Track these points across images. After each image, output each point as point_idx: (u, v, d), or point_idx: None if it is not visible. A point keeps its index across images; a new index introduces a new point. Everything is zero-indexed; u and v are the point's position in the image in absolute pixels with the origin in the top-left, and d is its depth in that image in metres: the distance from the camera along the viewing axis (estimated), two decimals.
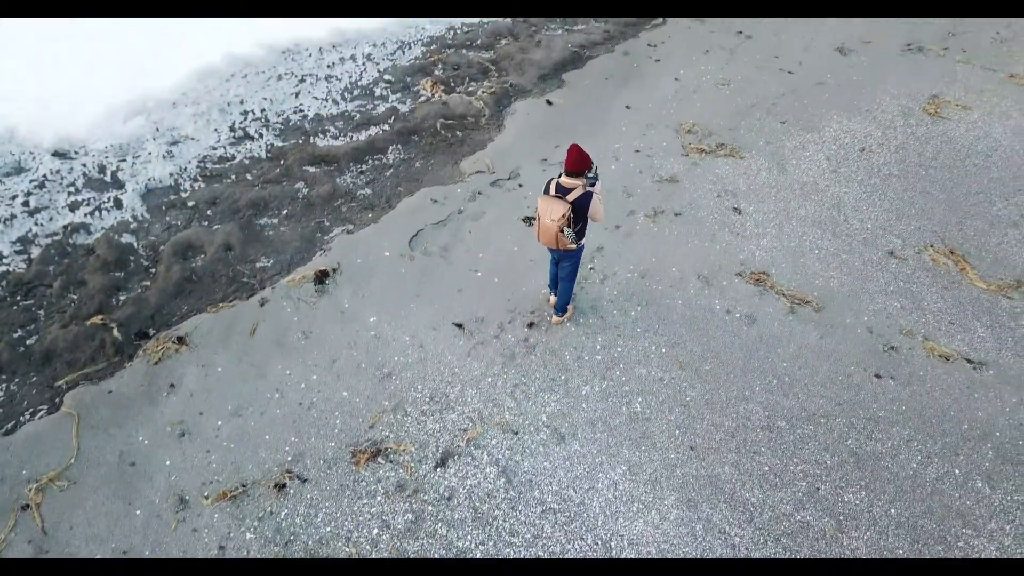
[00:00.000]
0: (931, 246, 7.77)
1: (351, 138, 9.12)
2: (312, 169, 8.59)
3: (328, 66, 10.49)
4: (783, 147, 9.29)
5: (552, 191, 5.76)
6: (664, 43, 11.59)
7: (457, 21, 11.80)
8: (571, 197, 5.63)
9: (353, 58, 10.71)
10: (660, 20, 12.37)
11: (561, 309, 6.64)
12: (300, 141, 9.01)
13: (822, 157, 9.14)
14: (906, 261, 7.57)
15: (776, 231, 7.91)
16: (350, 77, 10.29)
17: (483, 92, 9.99)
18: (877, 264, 7.52)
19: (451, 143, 9.16)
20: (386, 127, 9.30)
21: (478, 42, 11.25)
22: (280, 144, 8.95)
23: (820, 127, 9.71)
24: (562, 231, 5.64)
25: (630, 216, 8.05)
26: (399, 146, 9.05)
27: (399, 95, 9.98)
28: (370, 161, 8.78)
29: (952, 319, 6.93)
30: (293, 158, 8.67)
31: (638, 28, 11.99)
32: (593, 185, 5.74)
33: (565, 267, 6.22)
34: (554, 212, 5.59)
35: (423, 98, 9.91)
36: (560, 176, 5.78)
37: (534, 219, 7.76)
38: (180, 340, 6.52)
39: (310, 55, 10.69)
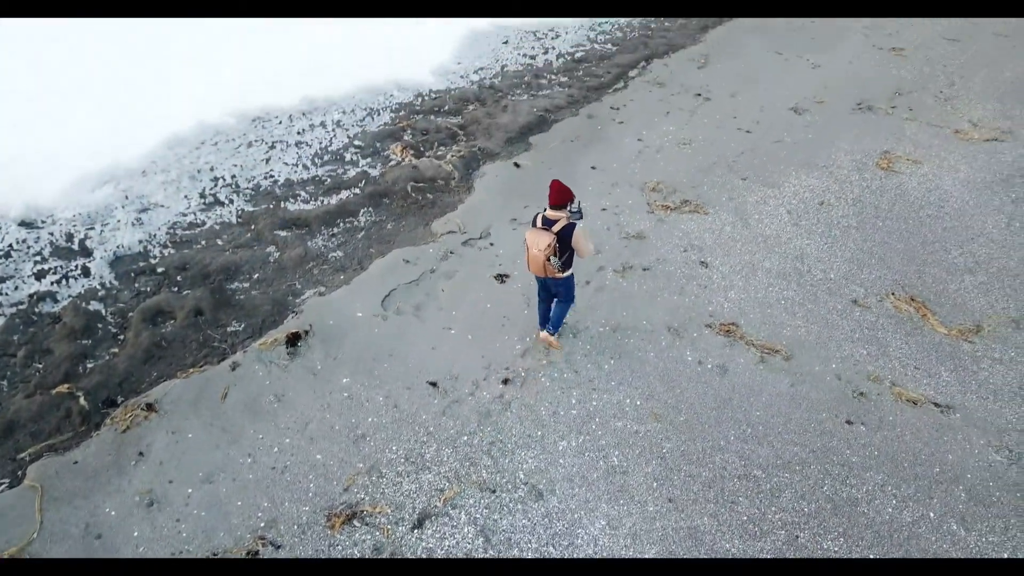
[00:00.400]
0: (892, 294, 7.99)
1: (322, 202, 9.21)
2: (283, 233, 8.63)
3: (298, 133, 10.65)
4: (745, 202, 9.58)
5: (539, 224, 6.19)
6: (626, 106, 11.99)
7: (425, 88, 12.12)
8: (556, 228, 6.08)
9: (323, 125, 10.90)
10: (622, 84, 12.83)
11: (554, 327, 6.91)
12: (271, 206, 9.07)
13: (783, 211, 9.43)
14: (869, 309, 7.76)
15: (743, 283, 8.08)
16: (320, 143, 10.46)
17: (452, 156, 10.20)
18: (842, 312, 7.70)
19: (422, 205, 9.29)
20: (357, 191, 9.42)
21: (446, 108, 11.54)
22: (251, 209, 9.00)
23: (780, 183, 10.05)
24: (548, 260, 6.11)
25: (600, 272, 8.17)
26: (370, 209, 9.16)
27: (369, 160, 10.14)
28: (341, 224, 8.85)
29: (917, 364, 7.09)
30: (264, 222, 8.71)
31: (600, 92, 12.41)
32: (579, 219, 6.15)
33: (560, 292, 6.64)
34: (540, 243, 6.06)
35: (393, 162, 10.08)
36: (545, 210, 6.18)
37: (505, 276, 7.87)
38: (149, 407, 6.40)
39: (280, 123, 10.86)
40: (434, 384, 6.70)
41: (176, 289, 7.77)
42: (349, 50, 12.76)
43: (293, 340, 7.08)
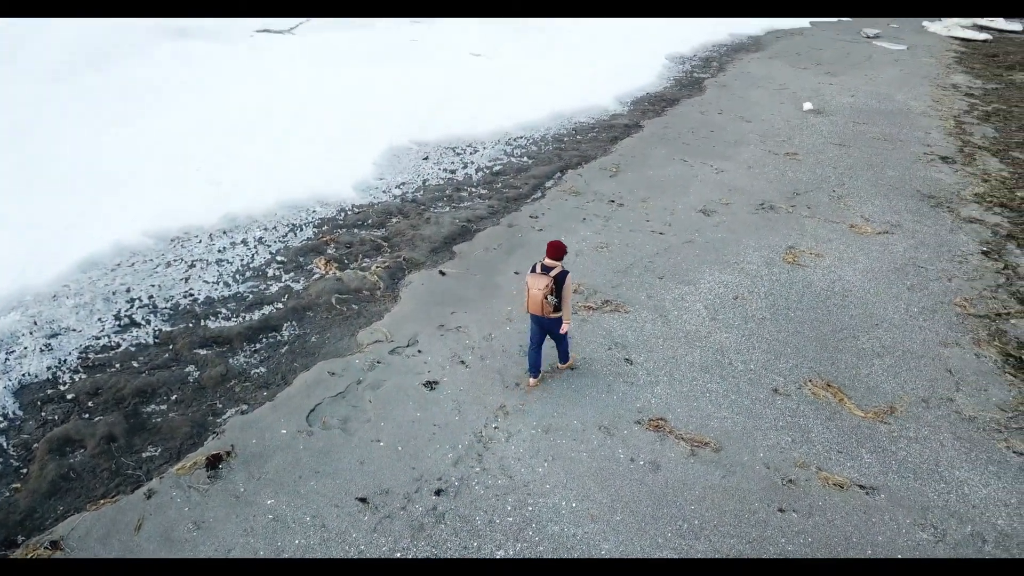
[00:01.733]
0: (810, 381, 8.30)
1: (244, 318, 9.04)
2: (203, 351, 8.39)
3: (219, 251, 10.56)
4: (664, 300, 9.92)
5: (538, 270, 7.43)
6: (544, 214, 12.44)
7: (348, 203, 12.30)
8: (553, 273, 7.32)
9: (244, 242, 10.85)
10: (539, 194, 13.35)
11: (564, 359, 8.22)
12: (190, 324, 8.84)
13: (700, 307, 9.80)
14: (790, 396, 8.02)
15: (668, 378, 8.25)
16: (242, 260, 10.38)
17: (377, 267, 10.28)
18: (764, 401, 7.92)
19: (347, 316, 9.24)
20: (280, 305, 9.31)
21: (369, 221, 11.71)
22: (169, 329, 8.74)
23: (695, 280, 10.48)
24: (546, 298, 7.27)
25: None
26: (294, 322, 9.04)
27: (292, 274, 10.09)
28: (264, 339, 8.68)
29: (839, 448, 7.29)
30: (183, 342, 8.46)
31: (519, 203, 12.88)
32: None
33: (554, 329, 7.69)
34: (540, 284, 7.28)
35: (317, 276, 10.06)
36: (543, 260, 7.45)
37: (434, 383, 7.83)
38: (54, 544, 5.90)
39: (200, 241, 10.76)
40: (364, 500, 6.46)
41: (87, 416, 7.36)
42: (270, 168, 12.92)
43: (214, 462, 6.75)
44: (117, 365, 8.10)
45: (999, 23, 40.36)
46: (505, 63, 21.99)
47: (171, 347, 8.41)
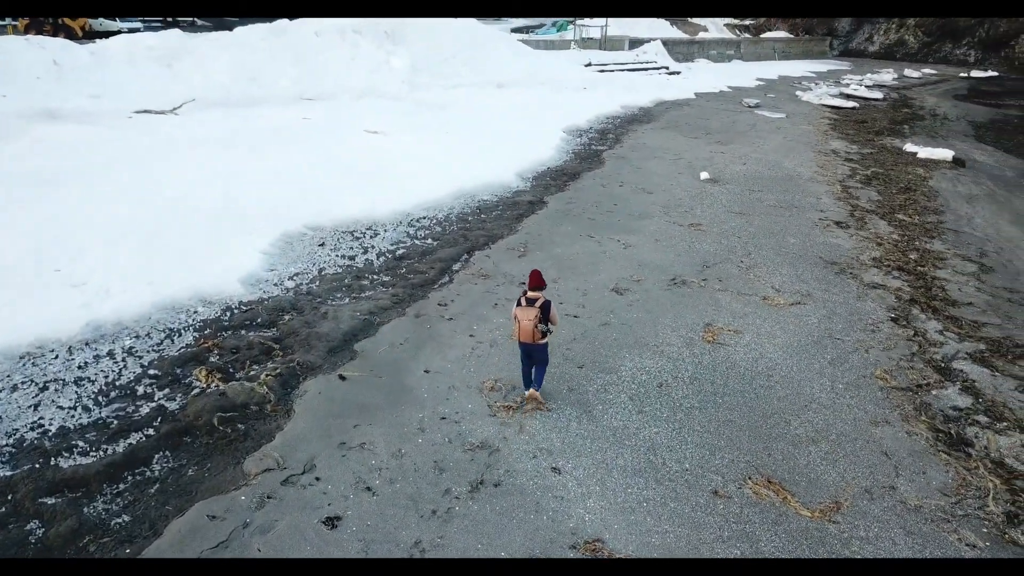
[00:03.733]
0: (749, 478, 7.70)
1: (105, 451, 7.65)
2: (51, 500, 6.95)
3: (79, 367, 9.11)
4: (587, 393, 9.21)
5: (523, 303, 8.27)
6: (454, 301, 11.63)
7: (234, 300, 11.08)
8: (538, 304, 8.22)
9: (111, 354, 9.45)
10: (447, 279, 12.57)
11: (539, 385, 8.85)
12: (37, 465, 7.37)
13: (625, 398, 9.14)
14: (731, 499, 7.37)
15: (600, 488, 7.45)
16: (106, 377, 8.97)
17: (267, 375, 9.11)
18: (706, 508, 7.23)
19: (231, 439, 8.00)
20: (150, 431, 7.98)
21: (259, 320, 10.51)
22: (8, 474, 7.25)
23: (616, 367, 9.86)
24: (536, 327, 8.14)
25: (445, 496, 7.23)
26: (167, 453, 7.72)
27: (167, 391, 8.78)
28: (129, 478, 7.32)
29: (793, 558, 6.64)
30: (25, 490, 6.99)
31: (426, 289, 12.02)
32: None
33: (540, 358, 8.62)
34: (529, 315, 8.15)
35: (196, 390, 8.79)
36: (526, 293, 8.33)
37: (336, 519, 6.74)
38: None
39: (56, 357, 9.28)
40: None
41: None
42: (145, 264, 11.56)
43: None
44: None
45: (862, 92, 43.64)
46: (403, 140, 21.43)
47: (10, 498, 6.93)
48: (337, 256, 13.15)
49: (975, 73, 62.30)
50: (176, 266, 11.67)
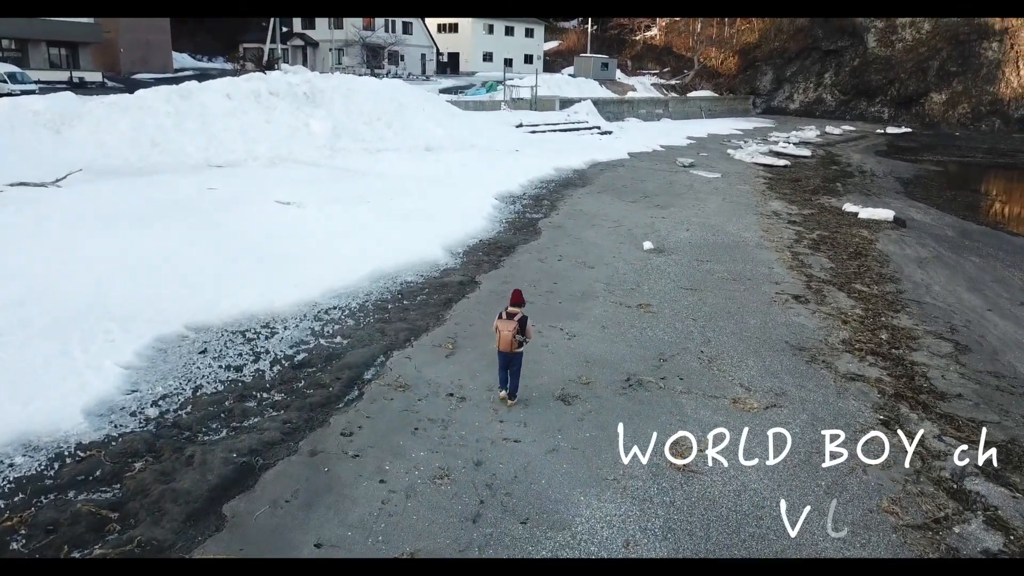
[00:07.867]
0: None
1: None
2: None
3: None
4: (538, 556, 7.00)
5: (504, 316, 9.45)
6: (361, 427, 9.30)
7: (71, 441, 8.44)
8: (517, 318, 9.39)
9: None
10: (355, 393, 10.22)
11: (514, 393, 9.90)
12: None
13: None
14: None
15: None
16: None
17: None
18: None
19: None
20: None
21: (98, 473, 7.90)
22: None
23: (570, 520, 7.70)
24: (515, 337, 9.32)
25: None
26: None
27: None
28: None
29: None
30: None
31: (328, 411, 9.64)
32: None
33: (515, 365, 9.72)
34: (509, 327, 9.32)
35: None
36: (507, 308, 9.54)
37: None
38: None
39: None
40: None
41: None
42: None
43: None
44: None
45: (792, 149, 43.85)
46: (317, 212, 19.24)
47: None
48: (220, 367, 10.66)
49: (890, 129, 64.61)
50: (2, 393, 9.03)
